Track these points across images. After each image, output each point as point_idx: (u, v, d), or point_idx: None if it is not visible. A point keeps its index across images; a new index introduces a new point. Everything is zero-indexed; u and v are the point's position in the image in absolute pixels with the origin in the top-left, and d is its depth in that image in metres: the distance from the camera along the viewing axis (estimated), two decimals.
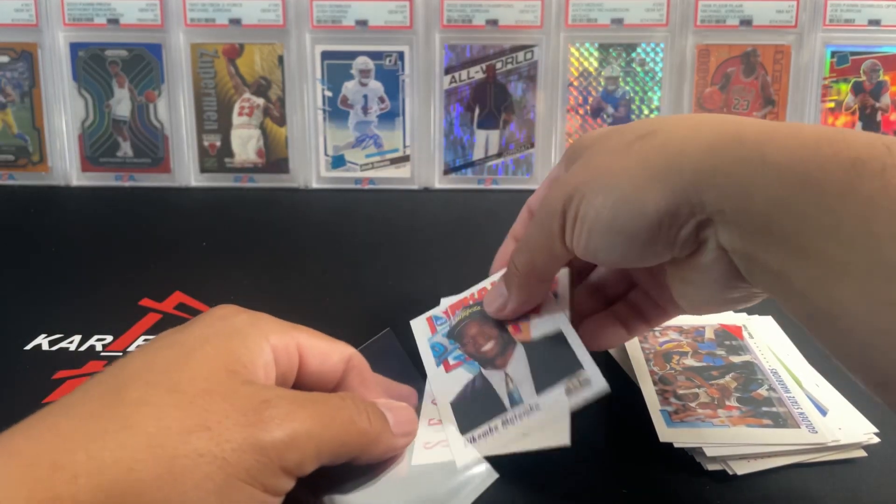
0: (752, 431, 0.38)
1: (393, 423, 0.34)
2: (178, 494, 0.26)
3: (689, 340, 0.46)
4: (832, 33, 0.74)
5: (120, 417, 0.27)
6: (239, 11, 0.73)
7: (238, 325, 0.32)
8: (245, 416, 0.28)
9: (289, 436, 0.29)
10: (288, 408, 0.29)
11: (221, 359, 0.30)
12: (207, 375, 0.29)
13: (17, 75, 0.74)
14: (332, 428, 0.30)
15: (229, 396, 0.29)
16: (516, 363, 0.39)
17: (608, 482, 0.36)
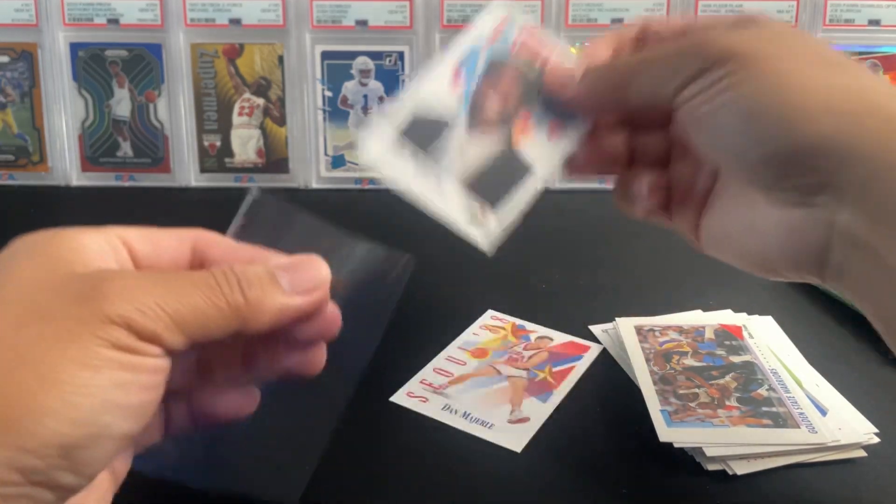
0: (752, 431, 0.38)
1: (288, 282, 0.29)
2: (35, 379, 0.24)
3: (689, 340, 0.46)
4: (832, 33, 0.74)
5: None
6: (239, 11, 0.73)
7: (47, 235, 0.29)
8: (80, 294, 0.26)
9: (132, 304, 0.26)
10: (130, 280, 0.27)
11: (44, 259, 0.28)
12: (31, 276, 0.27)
13: (17, 75, 0.74)
14: (188, 298, 0.27)
15: (61, 285, 0.27)
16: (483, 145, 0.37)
17: (608, 482, 0.36)
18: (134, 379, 0.26)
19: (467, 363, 0.45)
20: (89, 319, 0.26)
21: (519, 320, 0.50)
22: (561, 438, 0.39)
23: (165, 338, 0.27)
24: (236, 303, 0.28)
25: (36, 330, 0.25)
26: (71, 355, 0.25)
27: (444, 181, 0.36)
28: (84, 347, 0.25)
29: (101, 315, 0.26)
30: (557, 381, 0.44)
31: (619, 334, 0.47)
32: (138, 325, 0.26)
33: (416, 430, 0.40)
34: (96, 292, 0.26)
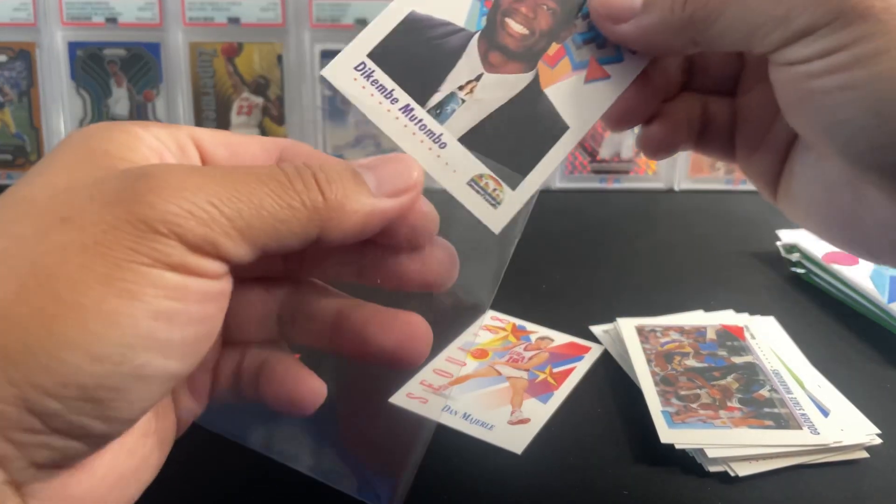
0: (753, 433, 0.38)
1: (375, 182, 0.24)
2: (52, 300, 0.19)
3: (691, 341, 0.46)
4: None
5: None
6: (238, 10, 0.73)
7: (100, 127, 0.24)
8: (116, 195, 0.20)
9: (179, 205, 0.20)
10: (178, 176, 0.21)
11: (86, 154, 0.23)
12: (67, 174, 0.22)
13: (15, 74, 0.74)
14: (254, 197, 0.21)
15: (95, 183, 0.21)
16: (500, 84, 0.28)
17: (609, 484, 0.36)
18: (181, 308, 0.21)
19: (467, 364, 0.45)
20: (125, 226, 0.20)
21: (519, 321, 0.50)
22: (562, 440, 0.39)
23: (226, 247, 0.21)
24: (314, 202, 0.22)
25: (59, 238, 0.20)
26: (99, 273, 0.20)
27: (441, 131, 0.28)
28: (116, 263, 0.20)
29: (140, 220, 0.20)
30: (558, 381, 0.44)
31: (620, 335, 0.46)
32: (189, 233, 0.20)
33: None
34: (135, 192, 0.20)
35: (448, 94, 0.28)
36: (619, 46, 0.29)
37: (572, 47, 0.29)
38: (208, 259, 0.21)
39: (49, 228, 0.20)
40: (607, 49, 0.29)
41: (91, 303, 0.19)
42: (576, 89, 0.28)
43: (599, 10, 0.27)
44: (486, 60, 0.28)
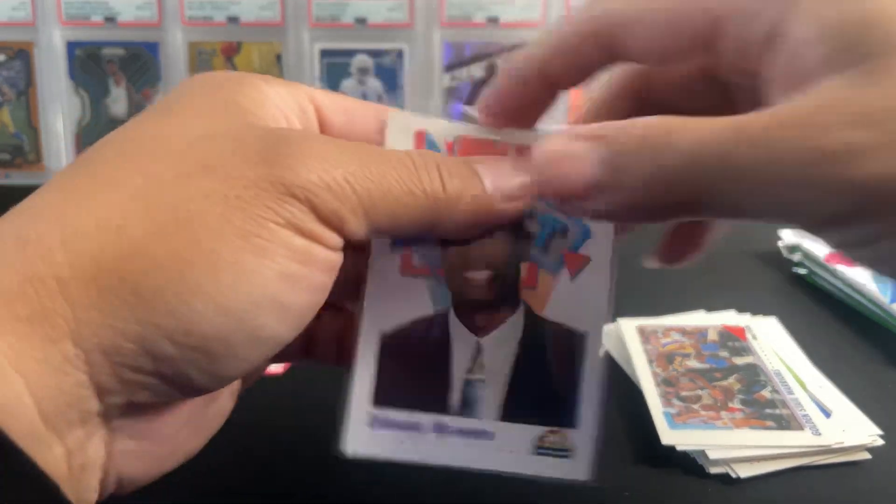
0: (755, 433, 0.37)
1: (490, 181, 0.24)
2: (189, 245, 0.20)
3: (692, 342, 0.46)
4: None
5: (98, 179, 0.21)
6: (237, 9, 0.73)
7: (226, 76, 0.25)
8: (258, 154, 0.21)
9: (319, 175, 0.21)
10: (318, 146, 0.22)
11: (219, 103, 0.23)
12: (203, 120, 0.22)
13: (14, 74, 0.74)
14: (382, 178, 0.22)
15: (236, 136, 0.22)
16: (502, 340, 0.26)
17: (610, 485, 0.36)
18: (305, 273, 0.21)
19: None
20: (265, 185, 0.20)
21: None
22: None
23: (349, 223, 0.22)
24: (434, 192, 0.23)
25: (202, 185, 0.20)
26: (237, 226, 0.20)
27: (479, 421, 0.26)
28: (254, 219, 0.20)
29: (281, 183, 0.20)
30: None
31: (621, 335, 0.46)
32: (323, 204, 0.21)
33: None
34: (278, 154, 0.21)
35: (463, 382, 0.26)
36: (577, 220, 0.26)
37: (540, 255, 0.26)
38: (332, 231, 0.22)
39: (191, 174, 0.21)
40: (570, 231, 0.26)
41: (227, 254, 0.20)
42: (569, 292, 0.26)
43: (549, 192, 0.23)
44: (475, 327, 0.26)
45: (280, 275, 0.21)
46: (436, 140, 0.26)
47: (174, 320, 0.19)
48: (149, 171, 0.21)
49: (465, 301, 0.26)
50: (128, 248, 0.19)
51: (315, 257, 0.21)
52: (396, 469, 0.26)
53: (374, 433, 0.26)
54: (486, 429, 0.26)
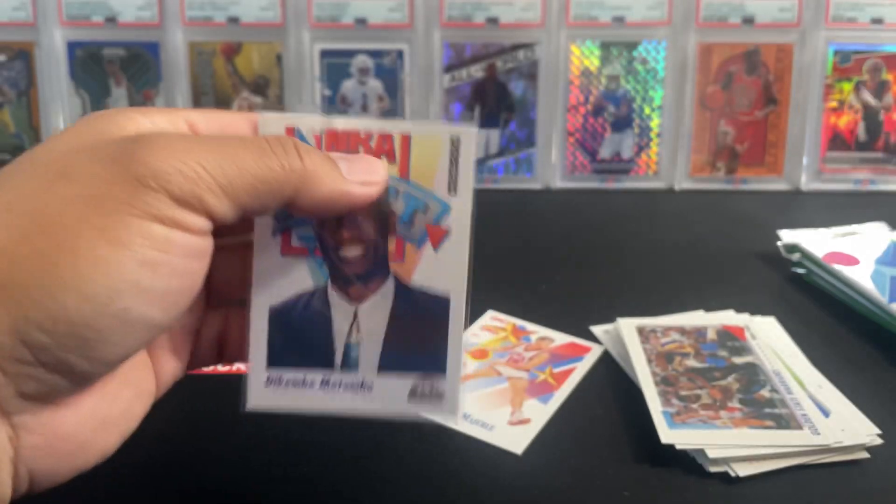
0: (754, 433, 0.37)
1: (347, 168, 0.27)
2: (50, 244, 0.22)
3: (692, 341, 0.46)
4: (835, 32, 0.74)
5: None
6: (237, 10, 0.73)
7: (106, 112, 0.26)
8: (111, 156, 0.23)
9: (170, 163, 0.23)
10: (168, 141, 0.24)
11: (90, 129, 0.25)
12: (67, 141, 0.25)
13: (14, 74, 0.74)
14: (238, 159, 0.24)
15: (92, 146, 0.24)
16: (375, 307, 0.30)
17: (610, 484, 0.36)
18: (166, 259, 0.23)
19: (467, 364, 0.45)
20: (120, 182, 0.22)
21: (519, 321, 0.50)
22: (562, 440, 0.39)
23: (210, 203, 0.23)
24: (292, 165, 0.25)
25: (60, 192, 0.22)
26: (94, 223, 0.22)
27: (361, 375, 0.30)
28: (109, 215, 0.22)
29: (133, 177, 0.22)
30: (558, 382, 0.43)
31: (621, 335, 0.46)
32: (177, 188, 0.23)
33: (416, 431, 0.39)
34: (130, 153, 0.23)
35: (344, 345, 0.30)
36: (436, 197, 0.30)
37: (405, 230, 0.30)
38: (194, 214, 0.23)
39: (50, 183, 0.23)
40: (431, 208, 0.30)
41: (85, 248, 0.22)
42: (433, 262, 0.30)
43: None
44: (350, 297, 0.30)
45: (140, 262, 0.22)
46: (305, 134, 0.29)
47: (43, 312, 0.21)
48: (15, 185, 0.23)
49: (340, 276, 0.30)
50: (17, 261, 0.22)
51: (176, 243, 0.23)
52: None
53: (269, 390, 0.30)
54: (367, 380, 0.30)
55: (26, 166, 0.24)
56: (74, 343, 0.22)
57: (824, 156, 0.76)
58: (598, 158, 0.76)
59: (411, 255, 0.30)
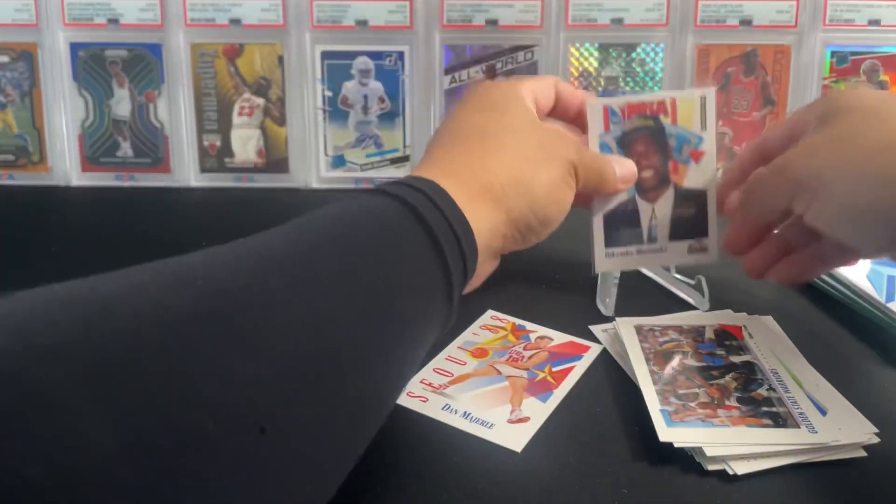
0: (752, 431, 0.38)
1: (619, 173, 0.48)
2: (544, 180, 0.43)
3: (689, 340, 0.46)
4: (832, 33, 0.74)
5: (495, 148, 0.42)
6: (239, 11, 0.73)
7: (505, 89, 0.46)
8: (560, 143, 0.45)
9: (578, 160, 0.45)
10: (576, 145, 0.46)
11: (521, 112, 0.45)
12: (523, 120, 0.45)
13: (18, 75, 0.74)
14: (592, 163, 0.47)
15: (546, 134, 0.45)
16: (664, 203, 0.50)
17: (608, 482, 0.36)
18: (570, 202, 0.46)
19: (467, 363, 0.45)
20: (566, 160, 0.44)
21: (519, 320, 0.50)
22: (561, 438, 0.39)
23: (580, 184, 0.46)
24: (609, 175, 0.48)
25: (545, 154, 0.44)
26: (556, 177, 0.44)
27: (659, 243, 0.50)
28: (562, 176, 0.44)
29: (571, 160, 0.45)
30: (557, 380, 0.44)
31: (619, 334, 0.47)
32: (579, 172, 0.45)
33: (416, 429, 0.40)
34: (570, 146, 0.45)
35: (648, 227, 0.50)
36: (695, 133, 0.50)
37: (677, 155, 0.50)
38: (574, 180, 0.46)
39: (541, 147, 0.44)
40: (691, 139, 0.50)
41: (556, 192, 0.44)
42: (695, 172, 0.50)
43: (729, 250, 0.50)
44: (649, 199, 0.50)
45: (566, 207, 0.45)
46: (615, 109, 0.49)
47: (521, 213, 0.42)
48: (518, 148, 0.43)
49: (641, 188, 0.50)
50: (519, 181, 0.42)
51: (572, 190, 0.45)
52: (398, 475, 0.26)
53: (608, 260, 0.51)
54: (663, 246, 0.51)
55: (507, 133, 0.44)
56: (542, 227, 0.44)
57: None
58: None
59: (682, 169, 0.50)
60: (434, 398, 0.42)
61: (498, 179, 0.41)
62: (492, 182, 0.40)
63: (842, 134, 0.39)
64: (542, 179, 0.42)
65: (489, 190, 0.40)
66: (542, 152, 0.43)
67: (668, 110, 0.49)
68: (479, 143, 0.42)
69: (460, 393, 0.43)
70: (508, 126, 0.43)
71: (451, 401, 0.42)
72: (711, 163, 0.49)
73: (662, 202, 0.50)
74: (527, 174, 0.42)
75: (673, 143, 0.49)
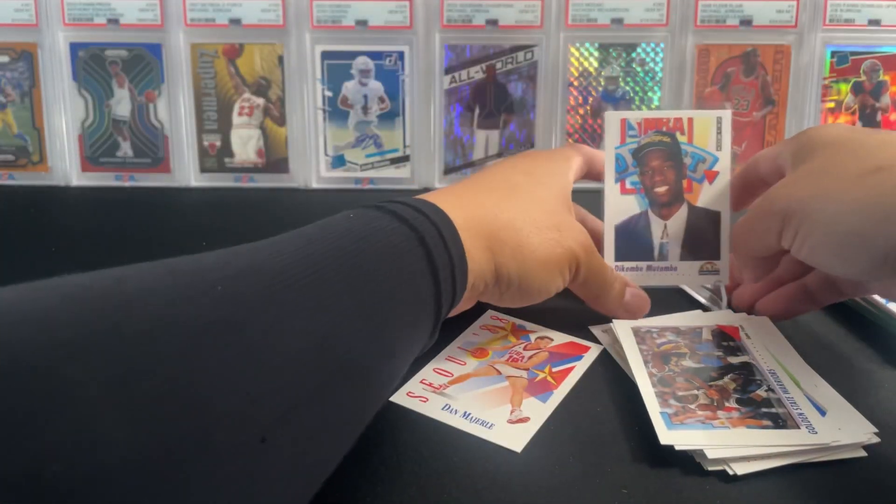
0: (752, 433, 0.38)
1: (628, 298, 0.49)
2: (539, 253, 0.43)
3: (687, 342, 0.46)
4: (832, 33, 0.74)
5: (517, 208, 0.44)
6: (239, 11, 0.73)
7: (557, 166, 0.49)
8: (575, 233, 0.45)
9: (585, 258, 0.45)
10: (590, 243, 0.46)
11: (557, 192, 0.47)
12: (553, 199, 0.46)
13: (17, 75, 0.74)
14: (598, 270, 0.47)
15: (567, 218, 0.46)
16: (676, 220, 0.50)
17: (608, 482, 0.36)
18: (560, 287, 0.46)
19: (467, 363, 0.46)
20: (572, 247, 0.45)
21: (519, 320, 0.50)
22: (561, 438, 0.39)
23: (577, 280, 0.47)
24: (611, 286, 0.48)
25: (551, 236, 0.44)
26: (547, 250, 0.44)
27: (670, 262, 0.50)
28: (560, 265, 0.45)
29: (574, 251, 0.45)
30: (557, 381, 0.44)
31: (617, 336, 0.47)
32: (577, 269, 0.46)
33: (416, 429, 0.40)
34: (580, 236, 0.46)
35: (659, 244, 0.50)
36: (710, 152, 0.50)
37: (691, 174, 0.50)
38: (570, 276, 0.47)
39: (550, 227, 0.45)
40: (707, 159, 0.50)
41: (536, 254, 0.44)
42: (709, 192, 0.50)
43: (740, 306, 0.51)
44: (662, 216, 0.51)
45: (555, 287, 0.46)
46: (632, 123, 0.50)
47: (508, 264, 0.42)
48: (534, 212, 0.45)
49: (655, 203, 0.50)
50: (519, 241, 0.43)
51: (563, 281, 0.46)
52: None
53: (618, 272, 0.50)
54: (673, 265, 0.50)
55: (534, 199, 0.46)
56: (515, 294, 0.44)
57: None
58: None
59: (696, 188, 0.50)
60: (434, 398, 0.42)
61: (501, 233, 0.42)
62: (495, 233, 0.42)
63: (819, 167, 0.41)
64: (540, 255, 0.43)
65: (489, 238, 0.41)
66: (554, 233, 0.44)
67: (684, 128, 0.50)
68: (502, 195, 0.44)
69: (460, 393, 0.43)
70: (537, 196, 0.45)
71: (451, 401, 0.42)
72: (725, 183, 0.50)
73: (675, 219, 0.50)
74: (529, 242, 0.43)
75: (688, 161, 0.50)
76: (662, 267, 0.50)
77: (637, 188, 0.50)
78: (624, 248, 0.50)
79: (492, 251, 0.41)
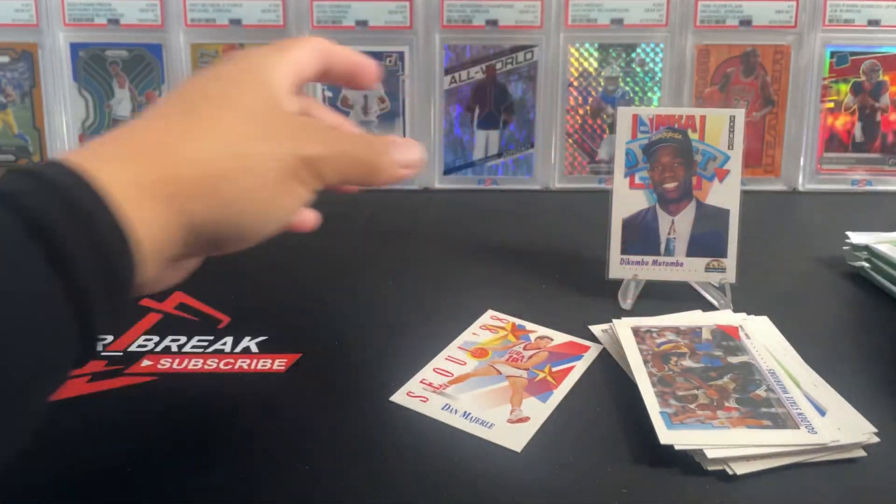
0: (752, 433, 0.38)
1: (397, 157, 0.38)
2: (247, 183, 0.33)
3: (687, 341, 0.46)
4: (832, 33, 0.74)
5: (202, 126, 0.33)
6: (239, 12, 0.73)
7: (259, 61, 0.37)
8: (293, 133, 0.35)
9: (323, 153, 0.36)
10: (324, 134, 0.37)
11: (258, 91, 0.36)
12: (258, 103, 0.35)
13: (18, 75, 0.74)
14: (351, 154, 0.37)
15: (280, 119, 0.35)
16: (684, 217, 0.51)
17: (608, 482, 0.36)
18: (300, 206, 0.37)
19: (467, 363, 0.46)
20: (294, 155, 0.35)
21: (519, 320, 0.50)
22: (561, 438, 0.39)
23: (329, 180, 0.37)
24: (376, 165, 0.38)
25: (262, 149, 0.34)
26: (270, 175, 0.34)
27: (676, 257, 0.51)
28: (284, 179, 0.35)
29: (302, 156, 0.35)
30: (557, 380, 0.44)
31: (616, 336, 0.47)
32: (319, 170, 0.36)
33: (416, 429, 0.40)
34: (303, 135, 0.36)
35: (666, 239, 0.51)
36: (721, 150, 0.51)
37: (702, 171, 0.51)
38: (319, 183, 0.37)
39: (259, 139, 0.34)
40: (718, 157, 0.50)
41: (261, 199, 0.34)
42: (719, 190, 0.51)
43: None
44: (670, 212, 0.51)
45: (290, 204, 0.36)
46: (644, 119, 0.51)
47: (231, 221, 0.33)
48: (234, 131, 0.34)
49: (663, 199, 0.51)
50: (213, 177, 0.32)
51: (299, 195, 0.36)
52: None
53: (622, 267, 0.52)
54: (679, 261, 0.51)
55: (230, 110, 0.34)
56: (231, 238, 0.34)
57: (821, 156, 0.76)
58: (596, 159, 0.77)
59: (706, 186, 0.50)
60: (434, 398, 0.42)
61: (186, 172, 0.32)
62: (176, 175, 0.32)
63: None
64: (250, 182, 0.33)
65: (168, 184, 0.31)
66: (264, 144, 0.34)
67: (696, 126, 0.50)
68: (187, 118, 0.34)
69: (460, 393, 0.43)
70: (232, 103, 0.35)
71: (451, 401, 0.42)
72: (736, 182, 0.50)
73: (683, 216, 0.50)
74: (229, 169, 0.33)
75: (699, 158, 0.50)
76: (668, 262, 0.51)
77: (646, 183, 0.51)
78: (630, 242, 0.51)
79: (171, 200, 0.31)
